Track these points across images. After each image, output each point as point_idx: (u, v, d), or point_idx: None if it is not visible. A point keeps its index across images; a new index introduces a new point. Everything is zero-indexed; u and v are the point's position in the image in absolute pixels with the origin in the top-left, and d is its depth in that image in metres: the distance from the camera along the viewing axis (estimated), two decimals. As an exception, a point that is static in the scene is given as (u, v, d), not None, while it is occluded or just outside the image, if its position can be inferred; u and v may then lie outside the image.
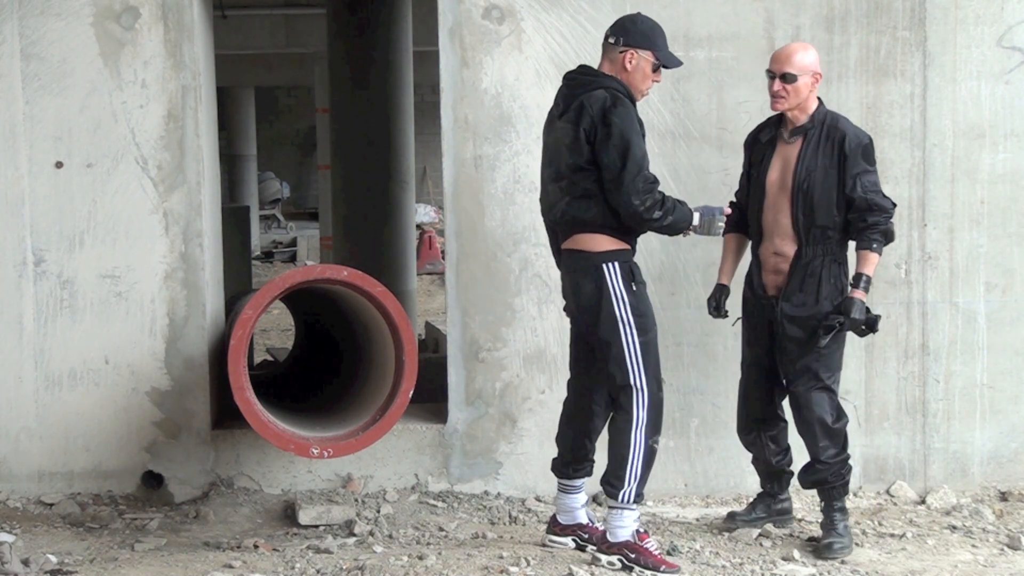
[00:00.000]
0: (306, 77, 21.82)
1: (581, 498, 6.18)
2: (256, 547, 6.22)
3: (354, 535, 6.41)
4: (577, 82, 5.97)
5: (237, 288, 9.36)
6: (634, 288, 5.85)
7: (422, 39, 13.01)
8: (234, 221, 10.48)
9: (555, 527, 6.21)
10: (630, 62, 5.95)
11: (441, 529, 6.52)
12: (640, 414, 5.87)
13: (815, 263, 6.18)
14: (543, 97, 6.93)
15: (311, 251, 24.00)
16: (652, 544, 5.93)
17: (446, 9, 6.94)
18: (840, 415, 6.28)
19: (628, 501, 5.90)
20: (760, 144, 6.37)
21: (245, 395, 6.14)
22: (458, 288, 6.99)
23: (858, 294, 6.09)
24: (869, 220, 6.10)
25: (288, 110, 32.59)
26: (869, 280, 6.11)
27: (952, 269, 7.17)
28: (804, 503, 7.04)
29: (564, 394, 6.96)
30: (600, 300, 5.85)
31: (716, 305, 6.46)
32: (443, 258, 6.57)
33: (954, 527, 6.67)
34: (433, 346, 11.76)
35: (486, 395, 7.00)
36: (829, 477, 6.27)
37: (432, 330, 12.35)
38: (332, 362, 8.13)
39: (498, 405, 7.03)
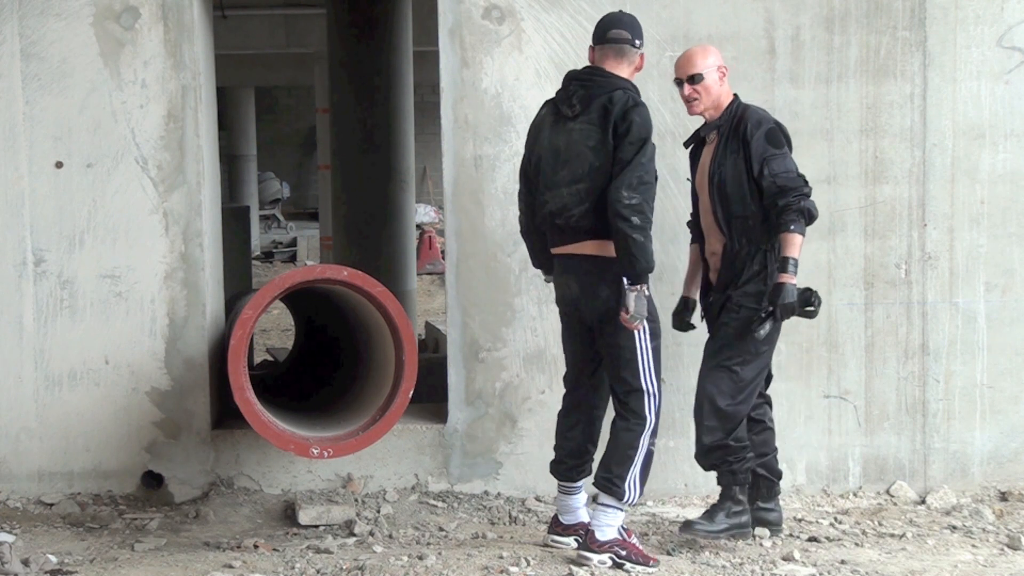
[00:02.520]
0: (306, 77, 21.81)
1: (582, 498, 6.18)
2: (256, 547, 6.22)
3: (354, 535, 6.41)
4: (594, 83, 5.90)
5: (237, 288, 9.36)
6: (647, 294, 5.83)
7: (422, 39, 13.01)
8: (234, 221, 10.48)
9: (557, 527, 6.21)
10: (641, 63, 6.03)
11: (441, 529, 6.52)
12: (651, 418, 5.91)
13: (742, 254, 6.13)
14: (543, 97, 6.91)
15: (311, 251, 24.00)
16: (636, 540, 5.96)
17: (446, 9, 6.94)
18: (736, 399, 6.09)
19: (631, 501, 5.91)
20: (693, 152, 6.39)
21: (245, 395, 6.14)
22: (458, 288, 6.99)
23: (785, 278, 5.97)
24: (780, 203, 6.01)
25: (288, 110, 32.59)
26: (795, 262, 5.96)
27: (952, 269, 7.17)
28: (804, 503, 7.04)
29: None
30: (612, 302, 5.83)
31: (679, 319, 6.45)
32: (443, 258, 6.57)
33: (954, 527, 6.67)
34: (433, 346, 11.77)
35: (486, 395, 7.00)
36: (715, 461, 6.16)
37: (432, 330, 12.35)
38: (332, 362, 8.13)
39: (498, 405, 7.04)
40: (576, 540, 6.10)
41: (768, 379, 6.38)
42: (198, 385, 6.95)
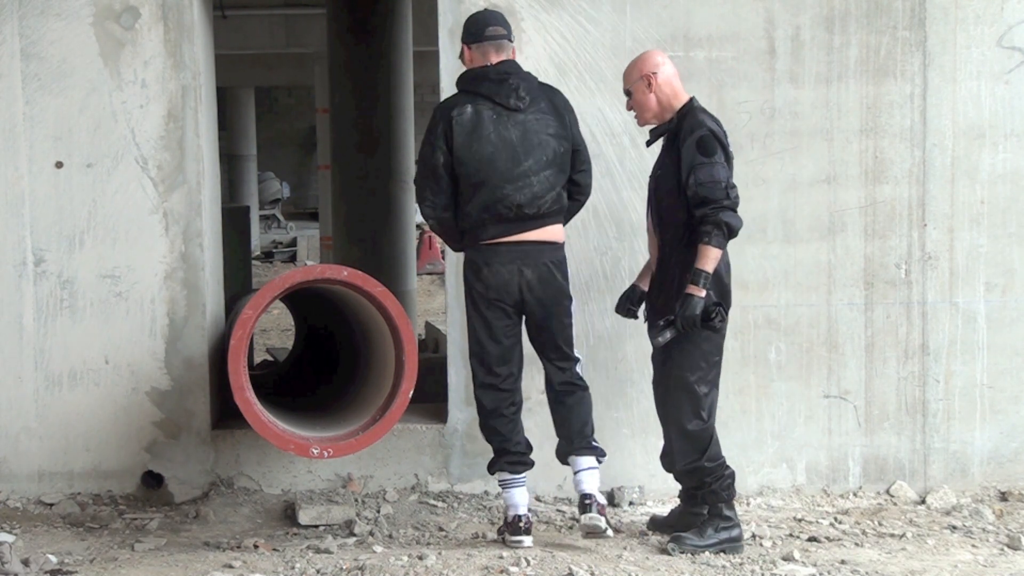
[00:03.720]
0: (306, 77, 21.82)
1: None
2: (256, 547, 6.22)
3: (354, 535, 6.41)
4: (527, 77, 6.18)
5: (237, 288, 9.36)
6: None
7: (422, 39, 13.02)
8: (234, 221, 10.48)
9: (519, 524, 6.17)
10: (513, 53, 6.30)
11: (441, 529, 6.52)
12: (585, 378, 6.32)
13: (672, 262, 6.08)
14: (543, 97, 6.93)
15: (311, 251, 24.00)
16: None
17: (446, 9, 6.94)
18: (699, 418, 6.07)
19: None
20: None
21: (245, 395, 6.14)
22: (458, 288, 6.98)
23: (693, 290, 5.86)
24: (698, 213, 5.91)
25: (288, 110, 32.59)
26: (707, 276, 5.87)
27: (952, 269, 7.17)
28: (804, 503, 7.05)
29: (564, 394, 6.96)
30: (565, 285, 6.22)
31: (623, 304, 6.41)
32: (443, 258, 6.57)
33: (954, 527, 6.67)
34: (433, 346, 11.77)
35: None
36: (694, 483, 6.15)
37: (432, 330, 12.35)
38: (332, 362, 8.13)
39: (498, 405, 7.02)
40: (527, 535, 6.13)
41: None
42: (198, 385, 6.95)
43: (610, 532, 6.22)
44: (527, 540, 6.12)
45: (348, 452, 6.36)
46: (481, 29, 6.14)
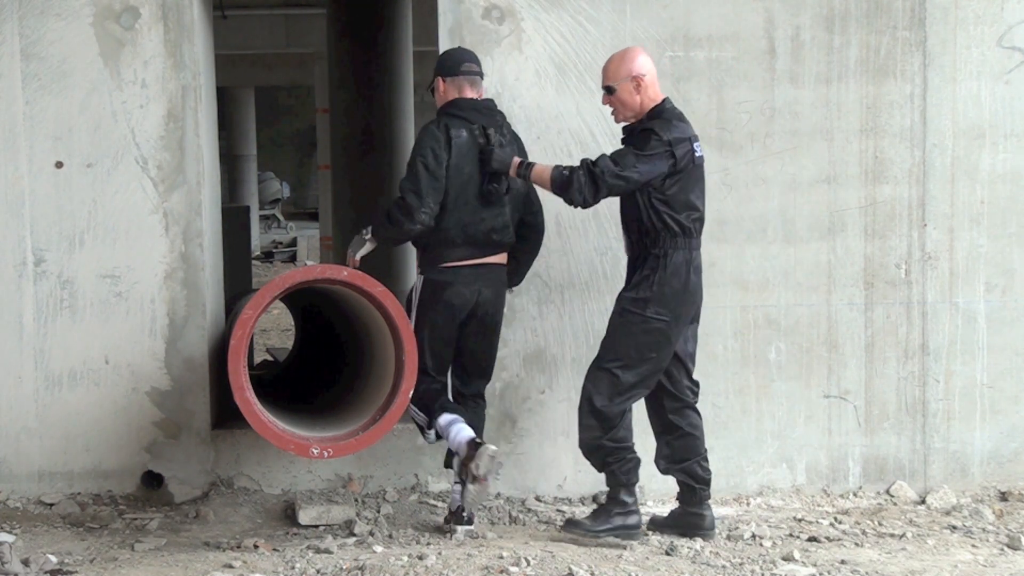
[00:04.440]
0: (306, 77, 21.83)
1: None
2: (256, 547, 6.22)
3: (354, 535, 6.41)
4: (497, 112, 6.49)
5: (237, 288, 9.36)
6: None
7: (422, 39, 13.01)
8: (234, 221, 10.48)
9: (462, 514, 6.34)
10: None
11: (441, 529, 6.52)
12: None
13: (638, 255, 6.22)
14: (543, 97, 6.94)
15: (311, 251, 24.01)
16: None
17: (446, 9, 6.95)
18: (614, 401, 6.14)
19: None
20: None
21: (245, 395, 6.14)
22: (458, 288, 6.98)
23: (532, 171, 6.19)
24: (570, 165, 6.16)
25: (288, 110, 32.62)
26: (527, 164, 6.23)
27: (952, 269, 7.17)
28: (804, 503, 7.05)
29: (565, 394, 6.97)
30: (504, 304, 6.59)
31: None
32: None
33: (954, 527, 6.67)
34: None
35: (486, 395, 6.99)
36: (598, 463, 6.24)
37: (432, 330, 12.32)
38: (332, 362, 8.13)
39: (498, 405, 7.03)
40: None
41: (695, 386, 6.38)
42: (198, 385, 6.95)
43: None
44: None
45: (348, 452, 6.36)
46: (457, 64, 6.43)
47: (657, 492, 7.00)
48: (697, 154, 6.19)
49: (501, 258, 6.50)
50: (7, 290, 6.91)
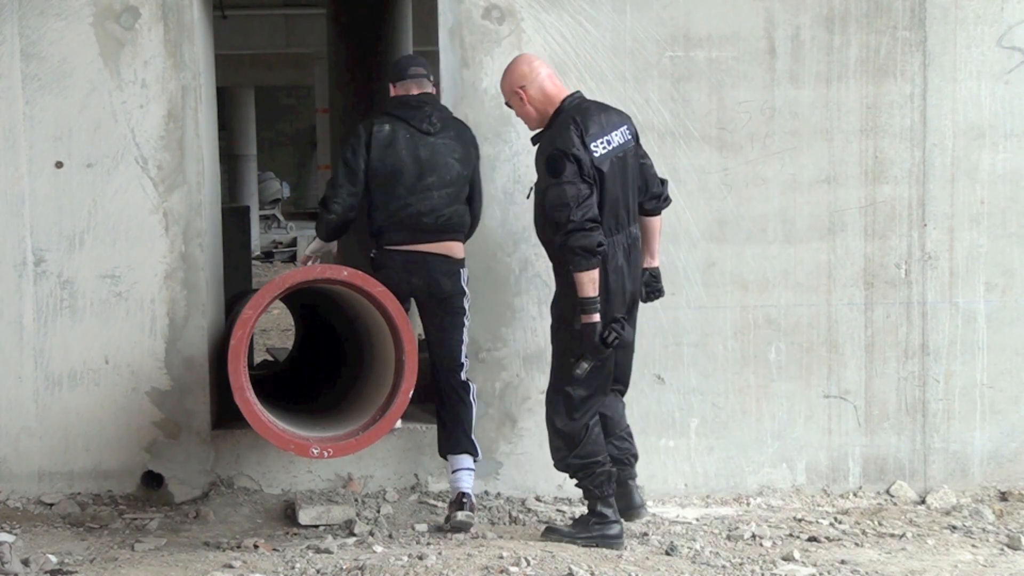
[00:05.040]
0: (306, 77, 21.85)
1: None
2: (256, 547, 6.22)
3: (354, 535, 6.41)
4: (445, 109, 6.76)
5: (237, 288, 9.36)
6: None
7: (422, 39, 13.02)
8: (234, 221, 10.47)
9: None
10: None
11: (441, 529, 6.52)
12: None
13: (557, 265, 6.16)
14: (543, 97, 6.93)
15: (311, 251, 23.95)
16: None
17: (446, 9, 6.95)
18: (572, 417, 6.12)
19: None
20: None
21: (245, 395, 6.14)
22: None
23: (585, 318, 5.92)
24: (556, 242, 5.96)
25: (288, 110, 32.61)
26: (590, 300, 5.90)
27: (952, 269, 7.17)
28: (804, 503, 7.05)
29: (564, 394, 6.96)
30: (456, 299, 6.64)
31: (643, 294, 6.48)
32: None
33: (954, 527, 6.67)
34: (433, 346, 11.74)
35: (486, 395, 7.00)
36: (570, 476, 6.26)
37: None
38: (332, 362, 8.13)
39: (498, 405, 7.04)
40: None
41: (618, 381, 6.36)
42: (198, 385, 6.94)
43: (474, 527, 6.48)
44: (461, 519, 6.43)
45: (348, 452, 6.36)
46: (404, 69, 6.73)
47: (657, 492, 7.00)
48: (617, 143, 6.06)
49: (437, 247, 6.60)
50: (7, 290, 6.91)
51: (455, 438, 6.60)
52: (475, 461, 6.62)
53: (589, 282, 5.90)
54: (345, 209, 6.60)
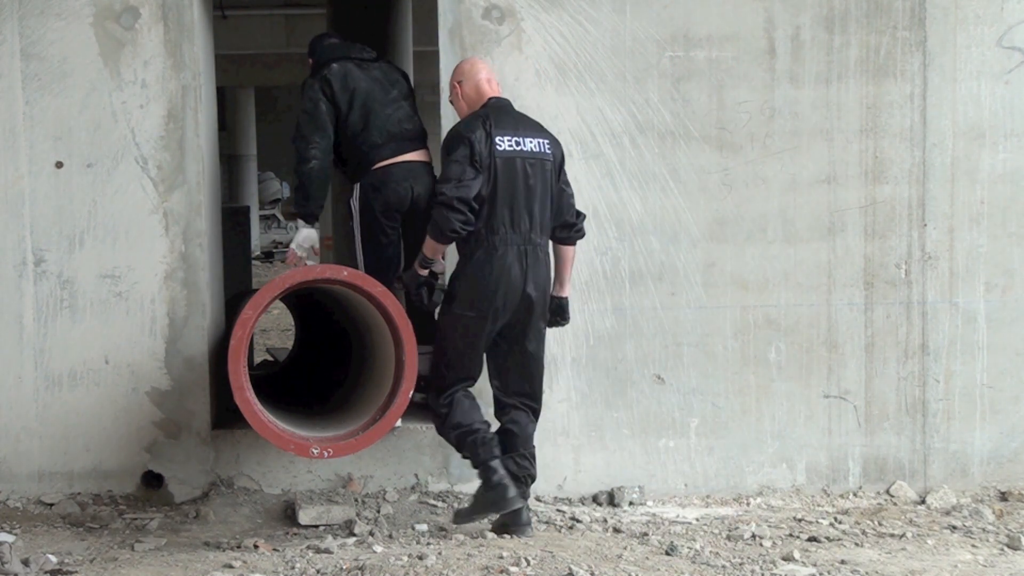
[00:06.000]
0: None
1: None
2: (256, 547, 6.22)
3: (354, 535, 6.41)
4: (368, 49, 7.22)
5: (237, 288, 9.36)
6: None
7: (422, 39, 13.02)
8: (234, 221, 10.47)
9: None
10: None
11: (441, 529, 6.52)
12: None
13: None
14: (543, 97, 6.94)
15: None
16: None
17: (446, 9, 6.95)
18: (441, 396, 6.37)
19: None
20: None
21: (245, 395, 6.14)
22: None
23: (416, 267, 6.36)
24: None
25: (288, 110, 32.55)
26: (420, 255, 6.33)
27: (952, 269, 7.17)
28: (804, 503, 7.05)
29: (565, 394, 6.98)
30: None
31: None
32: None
33: (954, 527, 6.67)
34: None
35: (486, 395, 6.99)
36: (456, 449, 6.49)
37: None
38: (332, 362, 8.13)
39: (498, 405, 7.03)
40: None
41: (529, 396, 6.44)
42: (198, 385, 6.94)
43: None
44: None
45: (348, 452, 6.36)
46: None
47: (657, 492, 7.00)
48: (529, 148, 6.28)
49: (420, 155, 7.01)
50: (7, 290, 6.91)
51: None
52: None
53: (432, 248, 6.30)
54: (323, 153, 6.89)
